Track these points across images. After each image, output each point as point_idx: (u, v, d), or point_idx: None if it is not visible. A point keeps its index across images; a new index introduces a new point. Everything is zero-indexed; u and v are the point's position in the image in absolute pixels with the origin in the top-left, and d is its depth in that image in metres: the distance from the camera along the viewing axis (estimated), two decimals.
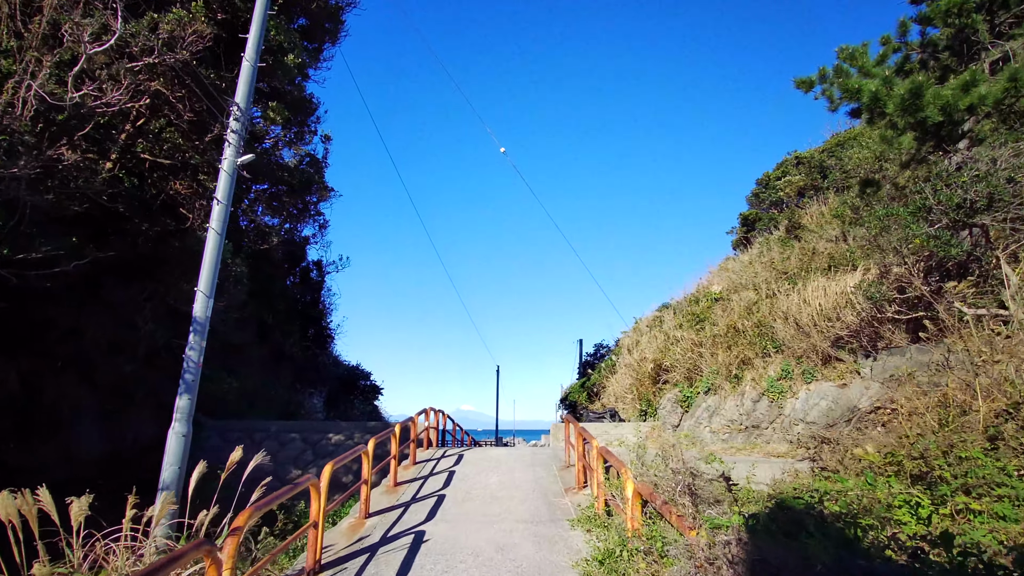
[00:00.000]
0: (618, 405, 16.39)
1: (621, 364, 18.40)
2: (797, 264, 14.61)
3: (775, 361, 11.61)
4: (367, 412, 37.12)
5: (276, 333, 20.50)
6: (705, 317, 15.19)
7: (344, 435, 13.89)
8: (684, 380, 13.91)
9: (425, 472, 10.04)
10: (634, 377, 15.51)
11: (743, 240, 24.41)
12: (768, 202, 24.63)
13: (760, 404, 11.39)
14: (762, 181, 25.77)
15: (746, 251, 22.91)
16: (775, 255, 17.61)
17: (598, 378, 20.57)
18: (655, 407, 14.62)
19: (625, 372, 16.84)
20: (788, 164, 25.16)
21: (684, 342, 14.02)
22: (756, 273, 17.08)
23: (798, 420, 10.52)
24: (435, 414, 13.55)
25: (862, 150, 16.02)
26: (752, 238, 24.13)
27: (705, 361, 13.11)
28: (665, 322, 16.39)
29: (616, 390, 17.14)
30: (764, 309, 12.28)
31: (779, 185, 23.70)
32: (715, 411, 12.45)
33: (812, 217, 20.09)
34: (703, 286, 21.69)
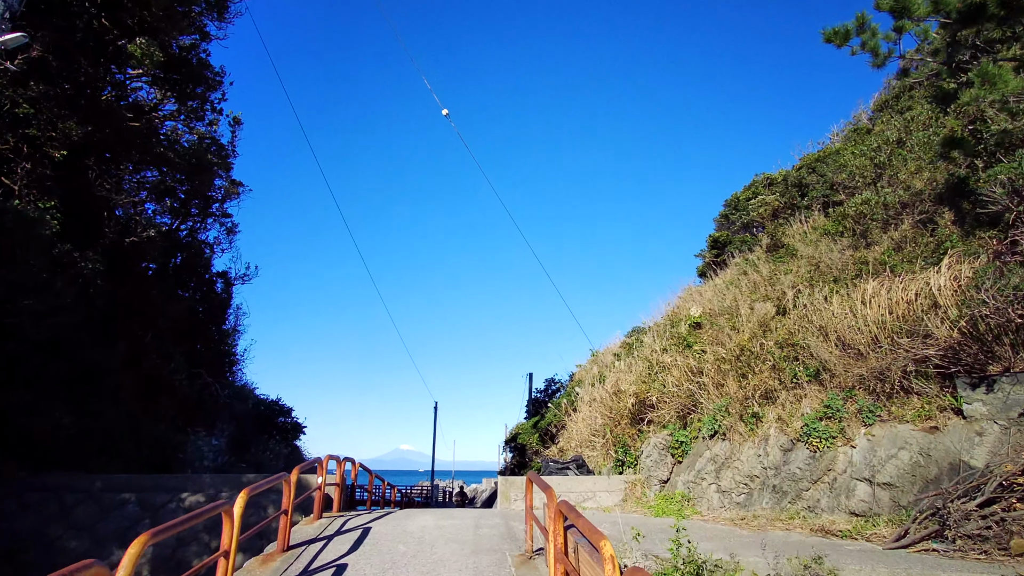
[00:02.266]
0: (584, 451, 12.69)
1: (585, 399, 14.79)
2: (805, 276, 11.59)
3: (811, 393, 8.29)
4: (285, 455, 31.82)
5: (153, 356, 15.82)
6: (692, 343, 11.91)
7: (205, 494, 9.56)
8: (676, 419, 10.43)
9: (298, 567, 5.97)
10: (606, 416, 11.92)
11: (712, 264, 21.71)
12: (739, 224, 22.12)
13: (795, 454, 7.97)
14: (731, 203, 23.34)
15: (716, 274, 20.12)
16: (762, 273, 14.70)
17: (554, 417, 16.86)
18: (635, 455, 11.03)
19: (591, 409, 13.22)
20: (758, 185, 22.88)
21: (675, 370, 10.59)
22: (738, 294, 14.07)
23: (860, 478, 7.13)
24: (341, 464, 9.47)
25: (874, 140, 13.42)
26: (723, 261, 21.44)
27: (707, 394, 9.69)
28: (644, 346, 12.96)
29: (580, 432, 13.47)
30: (790, 324, 9.02)
31: (752, 205, 21.25)
32: (725, 462, 8.95)
33: (795, 235, 17.48)
34: (673, 311, 18.61)
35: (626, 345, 15.85)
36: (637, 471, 10.86)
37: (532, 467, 20.73)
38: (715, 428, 9.21)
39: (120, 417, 14.00)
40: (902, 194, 12.97)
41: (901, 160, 14.25)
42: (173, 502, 9.35)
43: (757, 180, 23.44)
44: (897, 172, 14.28)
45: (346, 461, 9.88)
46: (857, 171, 15.21)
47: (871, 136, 17.68)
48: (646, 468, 10.54)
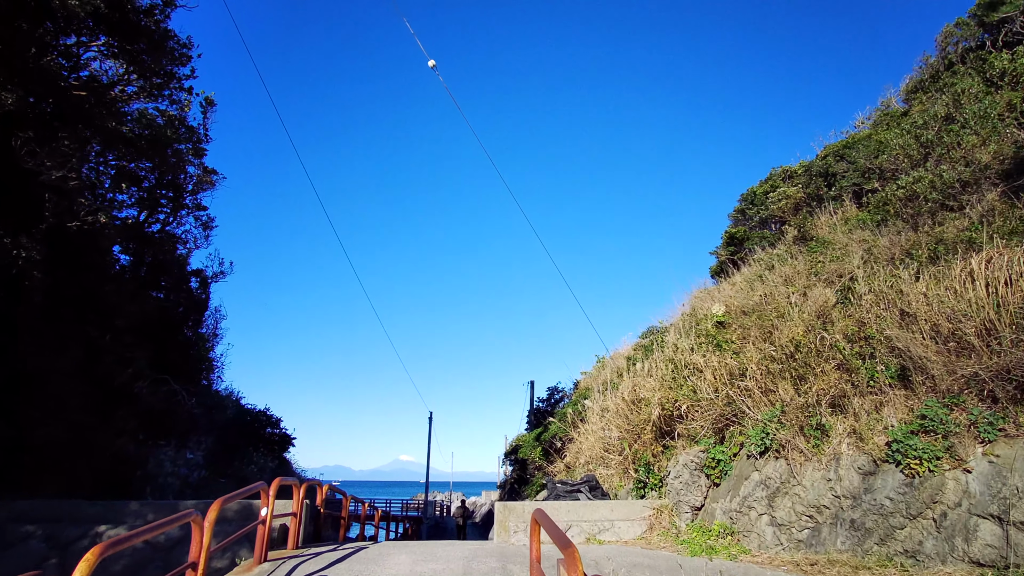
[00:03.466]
0: (596, 470, 10.72)
1: (594, 410, 12.83)
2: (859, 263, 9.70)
3: (895, 399, 6.37)
4: (272, 469, 29.73)
5: (109, 359, 13.90)
6: (721, 342, 9.99)
7: (128, 526, 7.62)
8: (710, 432, 8.49)
9: None
10: (623, 428, 9.97)
11: (728, 262, 19.84)
12: (757, 219, 20.29)
13: (882, 480, 6.04)
14: (747, 197, 21.52)
15: (733, 272, 18.24)
16: (796, 266, 12.83)
17: (559, 429, 14.89)
18: (659, 475, 9.07)
19: (603, 421, 11.27)
20: (776, 178, 21.09)
21: (709, 372, 8.66)
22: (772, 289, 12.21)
23: (984, 514, 5.20)
24: (298, 489, 7.51)
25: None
26: (741, 259, 19.57)
27: (752, 401, 7.76)
28: (667, 345, 11.02)
29: (590, 447, 11.50)
30: (861, 312, 7.10)
31: (771, 199, 19.42)
32: (780, 488, 7.01)
33: (823, 226, 15.64)
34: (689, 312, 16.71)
35: (641, 347, 13.94)
36: (663, 495, 8.90)
37: (534, 484, 18.70)
38: (765, 444, 7.26)
39: (63, 429, 12.07)
40: (962, 170, 11.14)
41: (953, 136, 12.45)
42: (87, 537, 7.40)
43: (774, 173, 21.64)
44: (948, 150, 12.47)
45: (307, 485, 7.93)
46: (901, 151, 13.38)
47: (908, 117, 15.90)
48: (674, 491, 8.58)
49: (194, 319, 19.48)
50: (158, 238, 17.42)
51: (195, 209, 17.78)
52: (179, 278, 18.41)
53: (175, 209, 16.85)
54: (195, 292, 19.25)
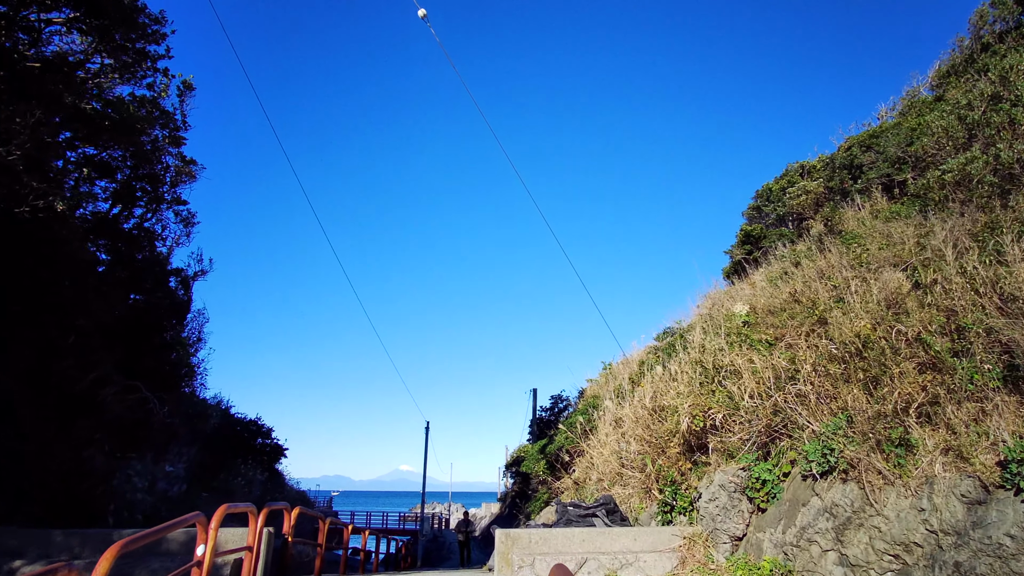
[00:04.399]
0: (612, 488, 9.26)
1: (607, 419, 11.39)
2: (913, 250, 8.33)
3: (1005, 408, 4.96)
4: (261, 482, 28.11)
5: (68, 363, 12.47)
6: (755, 340, 8.59)
7: (46, 563, 6.18)
8: (753, 448, 7.05)
9: None
10: (643, 440, 8.53)
11: (743, 261, 18.48)
12: (774, 216, 18.94)
13: (998, 511, 4.61)
14: (762, 194, 20.18)
15: (749, 271, 16.87)
16: (830, 259, 11.47)
17: (566, 441, 13.43)
18: (689, 497, 7.62)
19: (621, 433, 9.82)
20: (793, 174, 19.77)
21: (749, 374, 7.23)
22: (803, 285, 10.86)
23: None
24: (256, 518, 6.04)
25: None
26: (756, 259, 18.21)
27: (807, 410, 6.33)
28: (692, 346, 9.58)
29: (605, 462, 10.04)
30: (949, 300, 5.68)
31: (790, 194, 18.07)
32: (852, 518, 5.57)
33: (851, 220, 14.29)
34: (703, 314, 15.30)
35: (658, 351, 12.52)
36: (693, 520, 7.45)
37: (538, 500, 17.17)
38: (829, 462, 5.82)
39: (6, 439, 10.65)
40: (1022, 148, 9.80)
41: (1003, 115, 11.14)
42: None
43: (790, 169, 20.31)
44: (997, 130, 11.13)
45: (267, 511, 6.46)
46: (943, 133, 12.04)
47: (945, 101, 14.60)
48: (709, 517, 7.14)
49: (175, 322, 18.04)
50: (135, 234, 16.07)
51: (174, 203, 16.43)
52: (158, 277, 17.00)
53: (150, 202, 15.49)
54: (175, 293, 17.84)
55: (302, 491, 35.86)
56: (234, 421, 26.47)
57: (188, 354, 18.82)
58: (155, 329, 16.08)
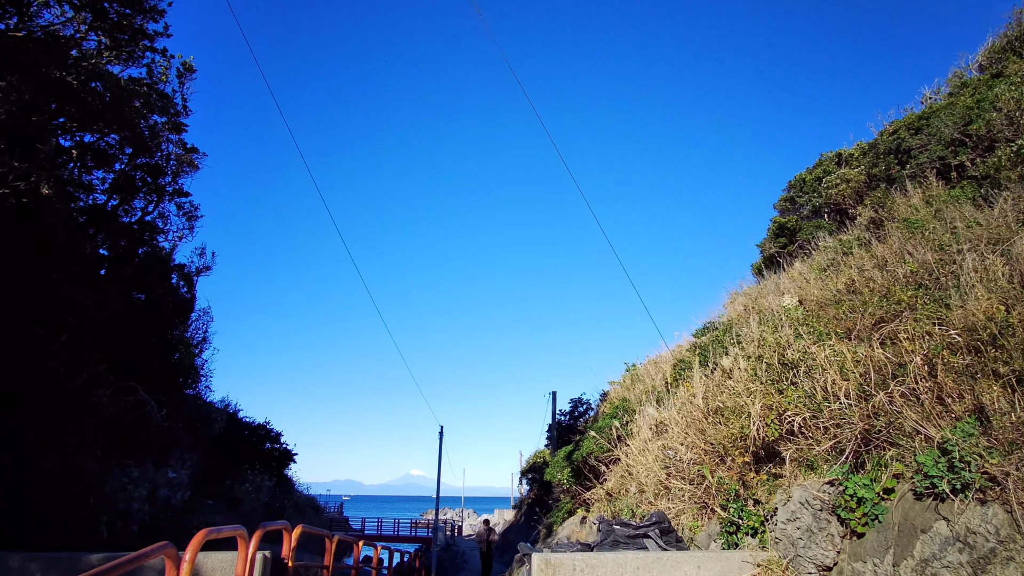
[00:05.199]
0: (658, 502, 8.03)
1: (645, 424, 10.16)
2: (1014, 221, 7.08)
3: None
4: (270, 488, 27.05)
5: (56, 362, 11.43)
6: (821, 335, 7.36)
7: None
8: (842, 458, 5.82)
9: None
10: (699, 447, 7.30)
11: (777, 255, 17.20)
12: (809, 207, 17.65)
13: None
14: (795, 185, 18.90)
15: (785, 265, 15.60)
16: (890, 245, 10.26)
17: (596, 447, 12.20)
18: (759, 514, 6.39)
19: (667, 439, 8.60)
20: (827, 163, 18.49)
21: (835, 370, 5.99)
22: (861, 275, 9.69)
23: None
24: (247, 545, 4.92)
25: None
26: (791, 252, 16.93)
27: (919, 413, 5.10)
28: (746, 343, 8.35)
29: (647, 470, 8.81)
30: None
31: (828, 183, 16.78)
32: (999, 551, 4.32)
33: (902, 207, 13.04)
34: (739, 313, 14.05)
35: (695, 348, 11.28)
36: (766, 543, 6.22)
37: (561, 510, 15.92)
38: (961, 478, 4.59)
39: None
40: None
41: None
42: None
43: (824, 159, 19.03)
44: None
45: (261, 533, 5.31)
46: (1014, 105, 10.77)
47: (1001, 79, 13.32)
48: (787, 541, 5.90)
49: (178, 321, 17.01)
50: (135, 228, 15.06)
51: (176, 195, 15.44)
52: (159, 274, 15.97)
53: (150, 193, 14.48)
54: (178, 290, 16.82)
55: (312, 497, 34.74)
56: (241, 425, 25.41)
57: (192, 355, 17.80)
58: (154, 328, 15.04)
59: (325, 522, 34.06)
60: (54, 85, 10.14)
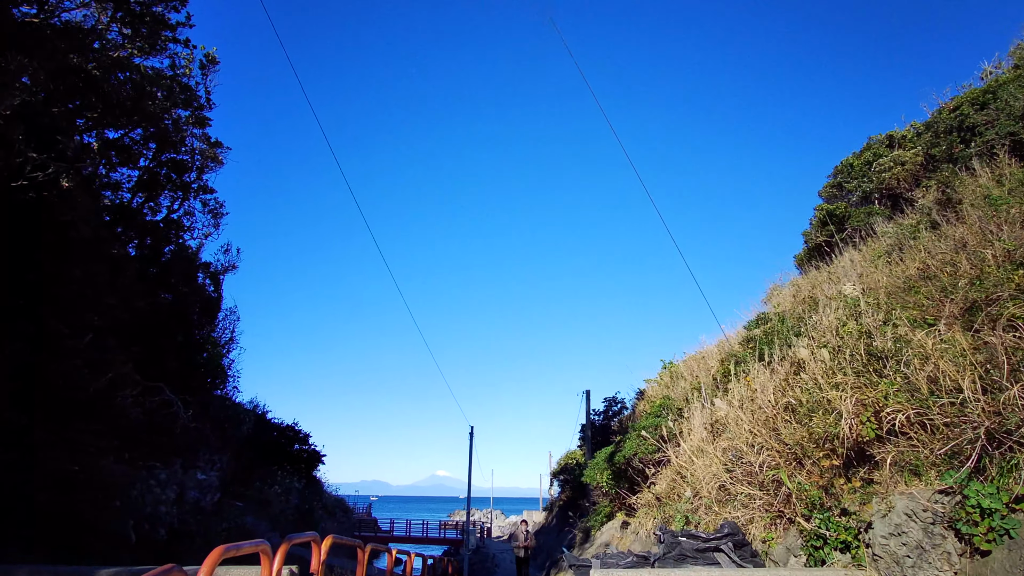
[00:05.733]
0: (720, 510, 7.19)
1: (698, 423, 9.30)
2: None
3: None
4: (298, 490, 26.68)
5: (78, 362, 11.04)
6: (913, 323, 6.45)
7: None
8: (957, 463, 4.93)
9: None
10: (774, 447, 6.44)
11: (824, 245, 16.09)
12: (859, 193, 16.51)
13: None
14: (842, 170, 17.75)
15: (836, 255, 14.53)
16: (969, 223, 9.25)
17: (639, 447, 11.35)
18: (852, 527, 5.52)
19: (726, 439, 7.74)
20: (877, 146, 17.32)
21: (947, 359, 5.11)
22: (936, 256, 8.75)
23: None
24: (275, 557, 4.28)
25: None
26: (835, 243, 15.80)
27: None
28: (819, 332, 7.44)
29: (704, 473, 7.97)
30: None
31: (880, 166, 15.65)
32: None
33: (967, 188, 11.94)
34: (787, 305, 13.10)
35: (747, 341, 10.37)
36: (861, 560, 5.35)
37: (598, 513, 15.09)
38: None
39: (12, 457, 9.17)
40: None
41: None
42: None
43: (873, 142, 17.85)
44: None
45: (287, 547, 4.65)
46: None
47: None
48: (890, 559, 5.03)
49: (204, 320, 16.66)
50: (160, 226, 14.72)
51: (201, 192, 15.06)
52: (186, 272, 15.61)
53: (175, 188, 14.11)
54: (204, 289, 16.46)
55: (340, 498, 34.37)
56: (270, 426, 25.08)
57: (219, 355, 17.43)
58: (180, 328, 14.66)
59: (354, 523, 33.72)
60: (73, 72, 9.76)
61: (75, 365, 10.67)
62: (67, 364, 10.39)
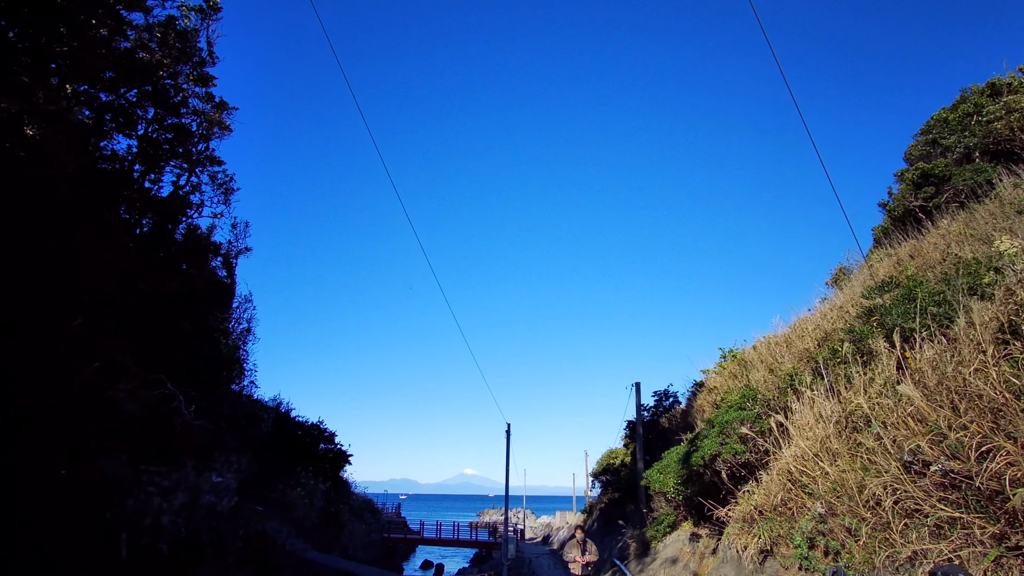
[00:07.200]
0: (892, 534, 5.09)
1: (808, 418, 7.16)
2: None
3: None
4: (325, 492, 25.05)
5: (63, 348, 9.39)
6: None
7: None
8: None
9: None
10: (1006, 447, 4.32)
11: (917, 210, 13.69)
12: (960, 149, 14.04)
13: None
14: (934, 126, 15.27)
15: (933, 221, 12.17)
16: None
17: (722, 447, 9.22)
18: None
19: (864, 433, 5.61)
20: (975, 97, 14.82)
21: None
22: None
23: None
24: None
25: None
26: (942, 202, 13.36)
27: None
28: None
29: (846, 478, 5.85)
30: None
31: (990, 114, 13.18)
32: None
33: None
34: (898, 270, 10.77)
35: (870, 313, 8.15)
36: None
37: (660, 523, 12.98)
38: None
39: None
40: None
41: None
42: None
43: (970, 94, 15.34)
44: None
45: None
46: None
47: None
48: None
49: (216, 308, 14.99)
50: (166, 202, 13.09)
51: (208, 162, 13.37)
52: (194, 254, 13.97)
53: (178, 159, 12.43)
54: (216, 273, 14.80)
55: (369, 499, 32.71)
56: (293, 425, 23.52)
57: (234, 347, 15.78)
58: (189, 315, 13.00)
59: (383, 525, 32.08)
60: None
61: (61, 350, 9.01)
62: (56, 351, 8.73)
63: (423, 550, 39.36)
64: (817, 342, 9.86)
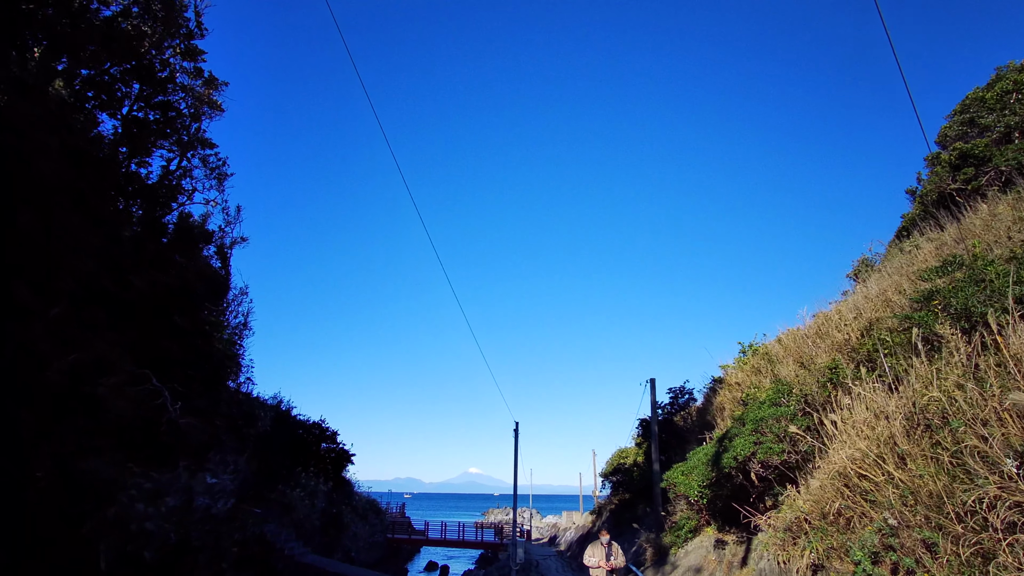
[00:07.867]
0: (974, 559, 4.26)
1: (865, 412, 6.32)
2: None
3: None
4: (327, 493, 24.26)
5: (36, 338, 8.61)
6: None
7: None
8: None
9: None
10: None
11: (955, 194, 12.81)
12: (999, 127, 13.16)
13: None
14: (969, 105, 14.35)
15: (972, 207, 11.30)
16: None
17: (757, 447, 8.38)
18: None
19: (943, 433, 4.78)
20: (1013, 74, 13.91)
21: None
22: None
23: None
24: None
25: None
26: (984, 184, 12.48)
27: None
28: None
29: (926, 485, 5.01)
30: None
31: None
32: None
33: None
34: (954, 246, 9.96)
35: (928, 297, 7.30)
36: None
37: (682, 527, 12.12)
38: None
39: None
40: None
41: None
42: None
43: (1006, 71, 14.45)
44: None
45: None
46: None
47: None
48: None
49: (210, 301, 14.20)
50: (156, 188, 12.30)
51: (199, 144, 12.58)
52: (186, 243, 13.17)
53: (167, 139, 11.64)
54: (210, 264, 14.01)
55: (372, 500, 31.82)
56: (294, 424, 22.72)
57: (229, 342, 14.99)
58: (181, 307, 12.20)
59: (387, 525, 31.29)
60: None
61: (32, 337, 8.22)
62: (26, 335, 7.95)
63: (428, 551, 38.62)
64: (860, 332, 9.00)
